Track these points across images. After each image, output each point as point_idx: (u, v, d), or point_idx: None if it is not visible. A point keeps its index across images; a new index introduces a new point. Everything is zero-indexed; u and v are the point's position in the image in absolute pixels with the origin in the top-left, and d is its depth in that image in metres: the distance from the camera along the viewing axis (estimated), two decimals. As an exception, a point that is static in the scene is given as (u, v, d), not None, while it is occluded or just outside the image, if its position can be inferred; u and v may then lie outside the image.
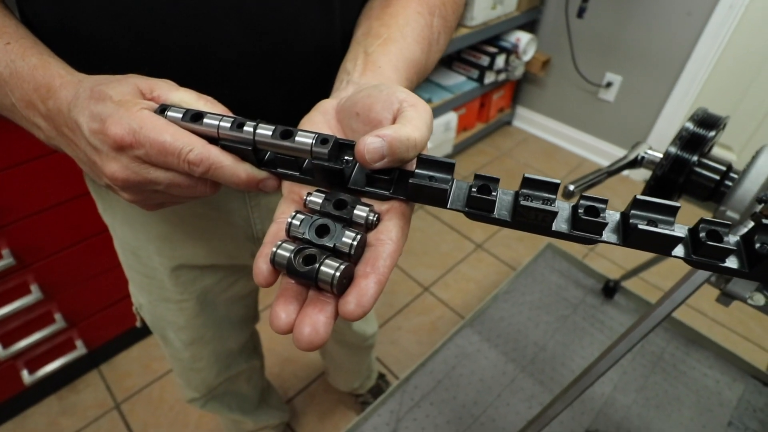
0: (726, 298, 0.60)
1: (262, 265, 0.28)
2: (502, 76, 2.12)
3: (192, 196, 0.34)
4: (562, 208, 0.28)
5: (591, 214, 0.27)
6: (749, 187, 0.61)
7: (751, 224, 0.57)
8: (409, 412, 1.19)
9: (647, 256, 1.44)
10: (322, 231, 0.28)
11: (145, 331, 1.42)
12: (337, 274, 0.25)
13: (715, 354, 1.35)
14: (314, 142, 0.29)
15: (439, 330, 1.51)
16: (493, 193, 0.28)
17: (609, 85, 2.06)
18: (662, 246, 0.26)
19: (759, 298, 0.58)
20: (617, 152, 2.19)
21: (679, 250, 0.27)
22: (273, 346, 1.41)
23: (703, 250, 0.26)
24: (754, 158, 0.63)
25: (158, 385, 1.34)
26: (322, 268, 0.26)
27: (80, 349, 1.22)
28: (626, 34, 1.92)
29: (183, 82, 0.34)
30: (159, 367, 1.38)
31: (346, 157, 0.30)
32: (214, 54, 0.39)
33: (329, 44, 0.43)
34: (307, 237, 0.28)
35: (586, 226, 0.27)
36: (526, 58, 2.12)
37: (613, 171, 0.69)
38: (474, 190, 0.28)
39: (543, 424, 0.75)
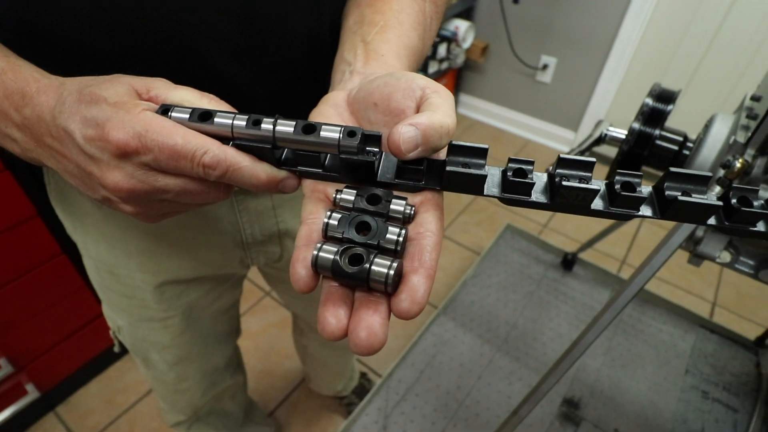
0: (697, 258, 0.65)
1: (300, 270, 0.26)
2: (444, 65, 2.15)
3: (203, 203, 0.31)
4: (599, 185, 0.28)
5: (628, 190, 0.27)
6: (707, 154, 0.66)
7: (717, 189, 0.61)
8: (396, 406, 1.20)
9: (598, 228, 1.52)
10: (363, 228, 0.27)
11: (104, 364, 1.32)
12: (391, 272, 0.24)
13: (667, 310, 1.46)
14: (341, 135, 0.27)
15: (412, 322, 1.52)
16: (530, 176, 0.28)
17: (545, 67, 2.16)
18: (699, 216, 0.27)
19: (726, 256, 0.63)
20: (558, 131, 2.30)
21: (712, 219, 0.28)
22: (246, 360, 1.35)
23: (737, 217, 0.27)
24: (707, 127, 0.68)
25: (126, 419, 1.24)
26: (374, 267, 0.24)
27: (32, 393, 1.11)
28: (558, 17, 2.01)
29: (165, 78, 0.31)
30: (124, 400, 1.28)
31: (369, 149, 0.29)
32: (197, 47, 0.36)
33: (318, 33, 0.41)
34: (348, 236, 0.26)
35: (624, 202, 0.27)
36: (466, 45, 2.16)
37: (584, 150, 0.71)
38: (510, 174, 0.28)
39: (538, 398, 0.77)
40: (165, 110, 0.28)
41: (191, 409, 0.78)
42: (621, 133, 0.74)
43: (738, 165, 0.56)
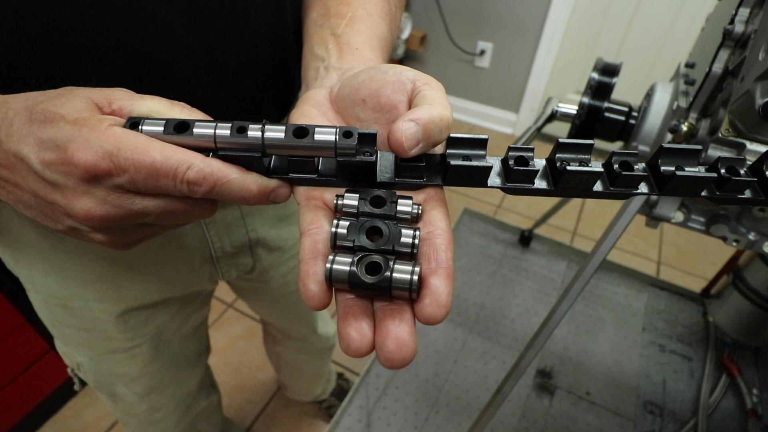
0: (654, 221, 0.68)
1: (312, 287, 0.24)
2: (385, 57, 2.15)
3: (186, 223, 0.29)
4: (600, 167, 0.28)
5: (627, 169, 0.27)
6: (653, 122, 0.69)
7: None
8: (377, 402, 1.19)
9: (548, 204, 1.58)
10: (373, 234, 0.25)
11: (57, 404, 1.21)
12: (415, 278, 0.23)
13: (619, 273, 1.55)
14: (338, 137, 0.25)
15: (383, 315, 1.52)
16: (531, 163, 0.27)
17: (483, 52, 2.21)
18: (694, 188, 0.27)
19: (679, 216, 0.67)
20: (500, 114, 2.36)
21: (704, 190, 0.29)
22: (216, 377, 1.30)
23: (727, 186, 0.27)
24: (649, 96, 0.72)
25: (90, 459, 1.15)
26: (395, 274, 0.23)
27: (-23, 449, 1.00)
28: (490, 3, 2.06)
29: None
30: (85, 439, 1.19)
31: (365, 149, 0.27)
32: (153, 52, 0.33)
33: (281, 30, 0.39)
34: (360, 244, 0.24)
35: (624, 181, 0.27)
36: (405, 36, 2.17)
37: (540, 127, 0.73)
38: (511, 163, 0.27)
39: (519, 374, 0.79)
40: (134, 124, 0.25)
41: None
42: (571, 108, 0.76)
43: (685, 128, 0.59)
